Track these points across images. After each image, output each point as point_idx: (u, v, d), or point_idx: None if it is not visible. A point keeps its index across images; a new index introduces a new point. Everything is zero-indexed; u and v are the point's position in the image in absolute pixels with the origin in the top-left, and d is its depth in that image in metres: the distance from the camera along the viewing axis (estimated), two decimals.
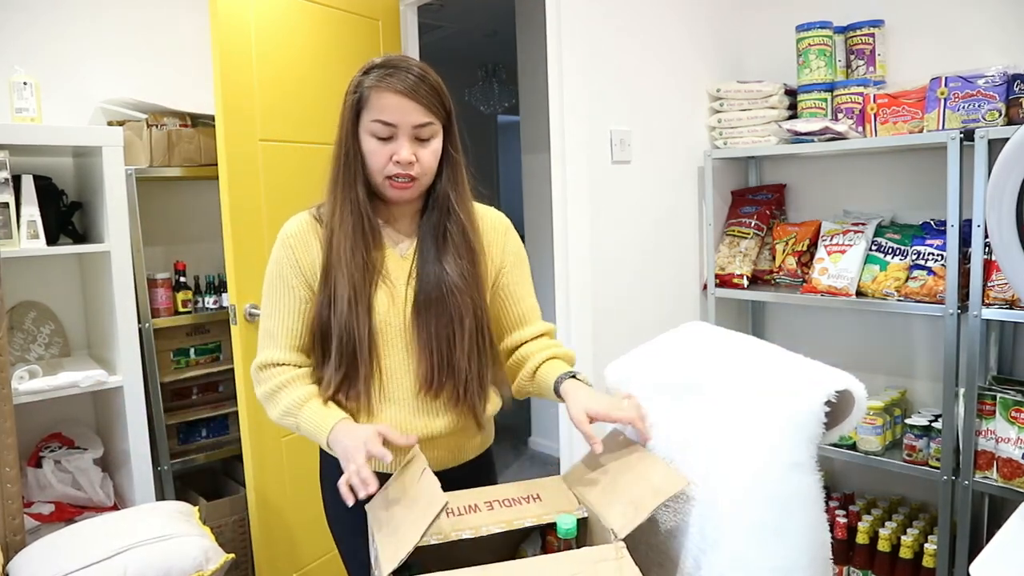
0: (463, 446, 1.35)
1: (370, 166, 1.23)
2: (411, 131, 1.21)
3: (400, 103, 1.19)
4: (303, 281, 1.27)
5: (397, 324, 1.26)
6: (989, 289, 1.86)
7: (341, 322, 1.22)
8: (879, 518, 2.17)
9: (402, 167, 1.21)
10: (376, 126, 1.20)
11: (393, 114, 1.19)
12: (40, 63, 2.22)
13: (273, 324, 1.28)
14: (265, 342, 1.29)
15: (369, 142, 1.22)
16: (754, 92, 2.32)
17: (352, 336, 1.22)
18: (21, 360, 2.19)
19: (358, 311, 1.22)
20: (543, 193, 3.41)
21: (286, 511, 2.21)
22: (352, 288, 1.22)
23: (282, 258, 1.28)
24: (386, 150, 1.21)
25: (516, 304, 1.37)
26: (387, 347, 1.26)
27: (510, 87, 5.18)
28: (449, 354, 1.26)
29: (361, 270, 1.23)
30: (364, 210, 1.25)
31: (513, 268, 1.37)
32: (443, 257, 1.27)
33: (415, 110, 1.20)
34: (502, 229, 1.38)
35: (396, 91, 1.19)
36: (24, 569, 1.68)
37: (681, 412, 1.19)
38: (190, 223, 2.60)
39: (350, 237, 1.23)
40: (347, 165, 1.25)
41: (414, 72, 1.21)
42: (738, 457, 1.09)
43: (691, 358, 1.27)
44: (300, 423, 1.23)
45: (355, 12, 2.44)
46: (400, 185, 1.23)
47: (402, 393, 1.27)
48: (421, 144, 1.23)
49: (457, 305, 1.26)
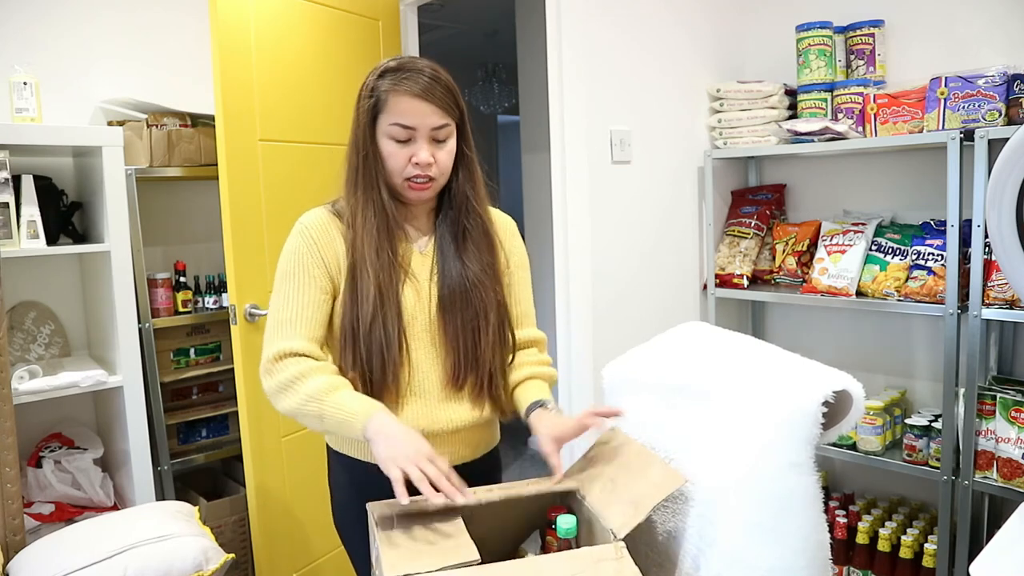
0: (481, 440, 1.37)
1: (389, 168, 1.25)
2: (429, 133, 1.23)
3: (417, 106, 1.21)
4: (325, 272, 1.27)
5: (423, 320, 1.28)
6: (989, 289, 1.86)
7: (369, 321, 1.22)
8: (879, 518, 2.17)
9: (421, 168, 1.23)
10: (395, 129, 1.22)
11: (411, 117, 1.21)
12: (40, 63, 2.21)
13: (291, 313, 1.25)
14: (280, 332, 1.24)
15: (388, 145, 1.24)
16: (754, 92, 2.32)
17: (381, 334, 1.23)
18: (21, 360, 2.19)
19: (386, 310, 1.23)
20: (543, 193, 3.41)
21: (286, 511, 2.21)
22: (379, 287, 1.23)
23: (302, 248, 1.27)
24: (405, 152, 1.23)
25: (514, 306, 1.39)
26: (415, 341, 1.28)
27: (510, 87, 5.18)
28: (475, 347, 1.29)
29: (387, 269, 1.24)
30: (389, 211, 1.26)
31: (516, 270, 1.40)
32: (463, 254, 1.30)
33: (432, 112, 1.22)
34: (509, 232, 1.42)
35: (413, 94, 1.20)
36: (24, 569, 1.68)
37: (678, 412, 1.20)
38: (190, 223, 2.60)
39: (374, 237, 1.24)
40: (367, 168, 1.25)
41: (427, 74, 1.22)
42: (735, 457, 1.09)
43: (688, 359, 1.27)
44: (326, 410, 1.17)
45: (355, 12, 2.44)
46: (419, 186, 1.25)
47: (428, 386, 1.29)
48: (438, 145, 1.25)
49: (481, 300, 1.29)
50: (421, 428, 1.26)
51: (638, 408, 1.28)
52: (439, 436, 1.29)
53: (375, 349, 1.23)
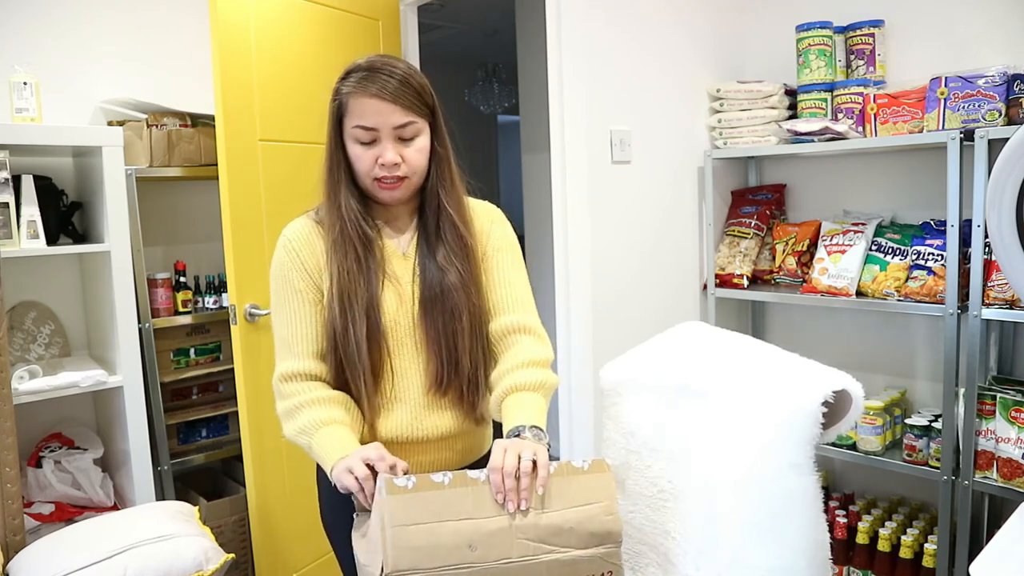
0: (471, 446, 1.35)
1: (357, 170, 1.25)
2: (392, 132, 1.21)
3: (377, 106, 1.20)
4: (311, 284, 1.26)
5: (406, 324, 1.26)
6: (989, 289, 1.86)
7: (340, 327, 1.22)
8: (879, 518, 2.17)
9: (387, 169, 1.22)
10: (358, 131, 1.22)
11: (372, 118, 1.20)
12: (40, 63, 2.21)
13: (288, 333, 1.26)
14: (283, 353, 1.26)
15: (354, 147, 1.23)
16: (754, 92, 2.32)
17: (352, 339, 1.22)
18: (21, 360, 2.19)
19: (354, 314, 1.22)
20: (543, 193, 3.41)
21: (286, 511, 2.21)
22: (345, 292, 1.22)
23: (286, 263, 1.27)
24: (370, 154, 1.22)
25: (495, 289, 1.31)
26: (397, 347, 1.26)
27: (510, 87, 5.17)
28: (455, 351, 1.26)
29: (353, 273, 1.23)
30: (352, 214, 1.25)
31: (496, 253, 1.32)
32: (439, 255, 1.27)
33: (394, 111, 1.20)
34: (489, 220, 1.36)
35: (372, 95, 1.19)
36: (24, 569, 1.68)
37: (678, 413, 1.19)
38: (190, 223, 2.60)
39: (339, 241, 1.24)
40: (333, 171, 1.26)
41: (388, 72, 1.20)
42: (735, 458, 1.09)
43: (688, 359, 1.27)
44: (312, 444, 1.21)
45: (355, 12, 2.44)
46: (388, 186, 1.24)
47: (411, 392, 1.27)
48: (405, 144, 1.23)
49: (455, 303, 1.25)
50: (406, 436, 1.26)
51: (638, 408, 1.28)
52: (425, 443, 1.28)
53: (350, 354, 1.22)
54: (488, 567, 0.99)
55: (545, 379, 1.22)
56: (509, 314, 1.28)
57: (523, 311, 1.29)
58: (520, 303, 1.30)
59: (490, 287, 1.31)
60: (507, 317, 1.28)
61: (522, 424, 1.13)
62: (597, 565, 1.02)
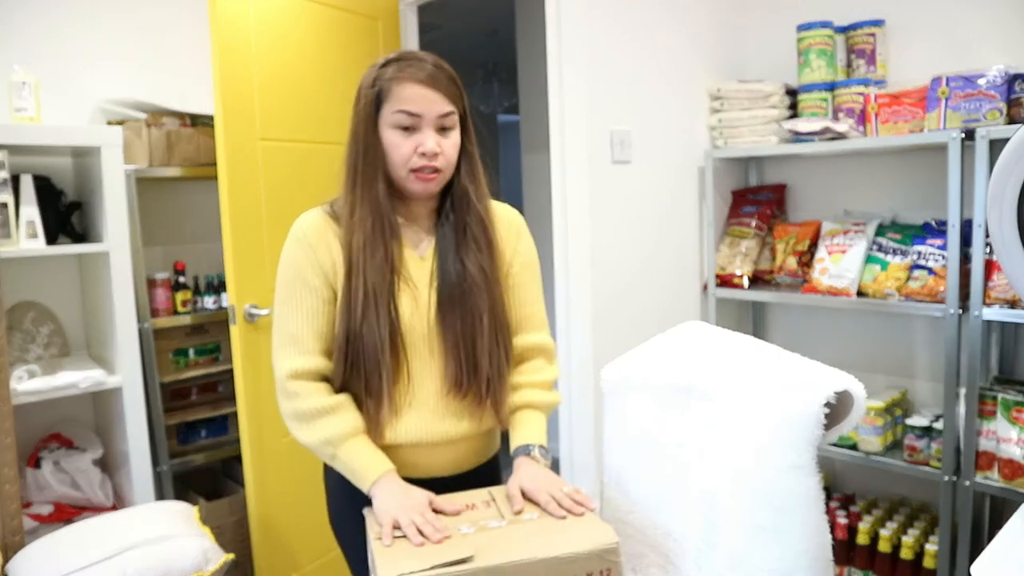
0: (480, 449, 1.34)
1: (393, 160, 1.21)
2: (435, 121, 1.20)
3: (423, 92, 1.19)
4: (325, 281, 1.23)
5: (421, 329, 1.24)
6: (990, 289, 1.86)
7: (361, 325, 1.19)
8: (880, 518, 2.17)
9: (427, 158, 1.20)
10: (400, 116, 1.19)
11: (417, 104, 1.19)
12: (40, 63, 2.21)
13: (298, 328, 1.23)
14: (290, 349, 1.23)
15: (392, 135, 1.20)
16: (754, 92, 2.31)
17: (374, 336, 1.19)
18: (20, 360, 2.19)
19: (378, 309, 1.19)
20: (543, 193, 3.40)
21: (286, 512, 2.21)
22: (372, 287, 1.19)
23: (300, 257, 1.24)
24: (410, 142, 1.20)
25: (519, 307, 1.33)
26: (412, 351, 1.24)
27: (510, 87, 5.17)
28: (474, 354, 1.24)
29: (381, 271, 1.20)
30: (386, 209, 1.22)
31: (522, 270, 1.34)
32: (462, 252, 1.25)
33: (438, 99, 1.20)
34: (515, 228, 1.36)
35: (418, 80, 1.19)
36: (23, 569, 1.68)
37: (679, 413, 1.19)
38: (190, 223, 2.60)
39: (370, 236, 1.20)
40: (367, 161, 1.22)
41: (431, 61, 1.22)
42: (736, 458, 1.08)
43: (689, 359, 1.27)
44: (339, 455, 1.20)
45: (355, 12, 2.44)
46: (425, 177, 1.21)
47: (427, 397, 1.25)
48: (443, 135, 1.22)
49: (475, 302, 1.24)
50: (419, 440, 1.24)
51: (638, 408, 1.28)
52: (437, 447, 1.26)
53: (368, 352, 1.20)
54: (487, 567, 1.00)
55: (553, 401, 1.32)
56: (531, 333, 1.34)
57: (544, 331, 1.36)
58: (541, 323, 1.36)
59: (513, 304, 1.32)
60: (528, 337, 1.33)
61: (531, 443, 1.24)
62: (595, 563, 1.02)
